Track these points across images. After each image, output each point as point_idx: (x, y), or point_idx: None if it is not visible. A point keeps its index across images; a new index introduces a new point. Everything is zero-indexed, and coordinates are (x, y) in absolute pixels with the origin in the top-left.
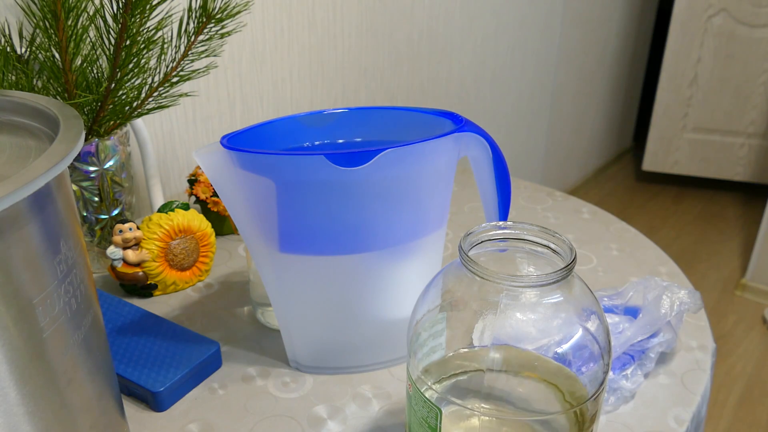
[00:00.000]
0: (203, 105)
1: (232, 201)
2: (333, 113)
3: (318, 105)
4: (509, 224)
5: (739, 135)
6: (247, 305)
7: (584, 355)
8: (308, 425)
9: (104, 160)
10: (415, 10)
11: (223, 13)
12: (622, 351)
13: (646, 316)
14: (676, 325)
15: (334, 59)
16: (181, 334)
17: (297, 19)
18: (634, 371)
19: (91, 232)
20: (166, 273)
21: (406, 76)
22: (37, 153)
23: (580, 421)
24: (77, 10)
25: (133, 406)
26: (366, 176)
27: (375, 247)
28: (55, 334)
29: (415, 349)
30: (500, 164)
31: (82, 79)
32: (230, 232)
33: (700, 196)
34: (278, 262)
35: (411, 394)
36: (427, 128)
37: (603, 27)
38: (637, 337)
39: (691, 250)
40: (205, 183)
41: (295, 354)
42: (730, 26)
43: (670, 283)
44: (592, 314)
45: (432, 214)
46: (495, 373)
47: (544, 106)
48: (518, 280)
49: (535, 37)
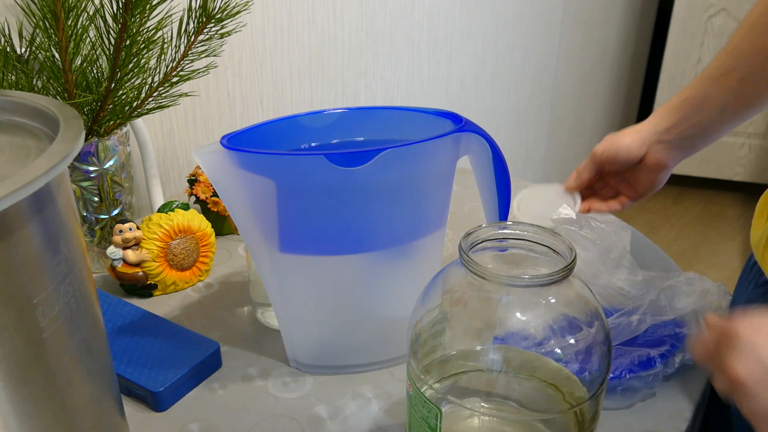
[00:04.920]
0: (203, 105)
1: (232, 201)
2: (333, 113)
3: (318, 105)
4: (509, 224)
5: (739, 135)
6: (247, 305)
7: (584, 356)
8: (308, 425)
9: (104, 160)
10: (415, 10)
11: (223, 13)
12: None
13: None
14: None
15: (334, 59)
16: (181, 334)
17: (297, 19)
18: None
19: (91, 232)
20: (166, 273)
21: (406, 75)
22: (37, 153)
23: (580, 421)
24: (77, 10)
25: (133, 406)
26: (366, 176)
27: (375, 247)
28: (55, 335)
29: (415, 348)
30: (500, 164)
31: (82, 79)
32: (230, 232)
33: (700, 196)
34: (278, 262)
35: (411, 394)
36: (427, 128)
37: (603, 27)
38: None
39: (691, 250)
40: (205, 183)
41: (295, 354)
42: (730, 26)
43: (696, 275)
44: (592, 314)
45: (432, 214)
46: (495, 373)
47: (544, 106)
48: (518, 280)
49: (535, 37)
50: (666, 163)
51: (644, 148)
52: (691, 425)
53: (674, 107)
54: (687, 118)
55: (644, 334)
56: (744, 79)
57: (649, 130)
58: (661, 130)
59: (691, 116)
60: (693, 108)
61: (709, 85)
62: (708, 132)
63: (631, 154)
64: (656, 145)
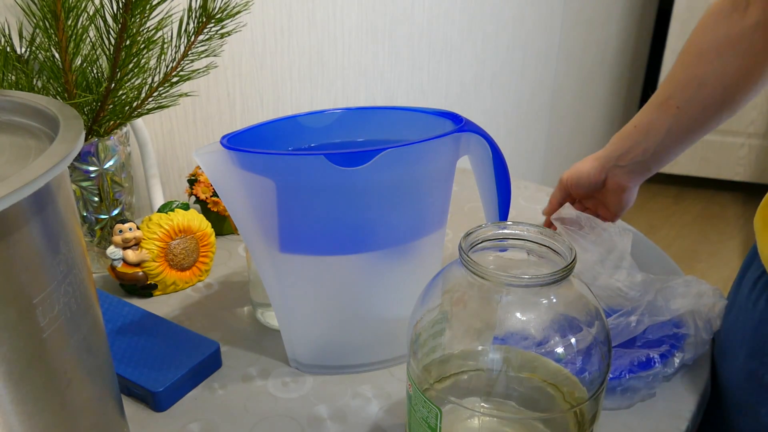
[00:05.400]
0: (203, 105)
1: (232, 201)
2: (333, 113)
3: (318, 105)
4: (509, 224)
5: (739, 135)
6: (247, 305)
7: (584, 356)
8: (308, 425)
9: (104, 160)
10: (415, 10)
11: (223, 13)
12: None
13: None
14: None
15: (334, 59)
16: (181, 334)
17: (297, 19)
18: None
19: (91, 232)
20: (166, 273)
21: (406, 76)
22: (37, 153)
23: (579, 421)
24: (77, 10)
25: (133, 406)
26: (366, 176)
27: (375, 247)
28: (55, 335)
29: (415, 348)
30: (500, 164)
31: (82, 79)
32: (230, 232)
33: (700, 196)
34: (278, 262)
35: (411, 394)
36: (427, 128)
37: (603, 27)
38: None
39: (691, 250)
40: (205, 183)
41: (295, 354)
42: None
43: (694, 278)
44: (592, 314)
45: (432, 214)
46: (495, 373)
47: (544, 106)
48: (518, 280)
49: (535, 37)
50: (626, 185)
51: (603, 173)
52: (691, 425)
53: (625, 135)
54: (637, 145)
55: (644, 334)
56: (681, 106)
57: (606, 157)
58: (616, 156)
59: (641, 142)
60: (641, 135)
61: (652, 112)
62: (658, 156)
63: (592, 179)
64: (614, 170)
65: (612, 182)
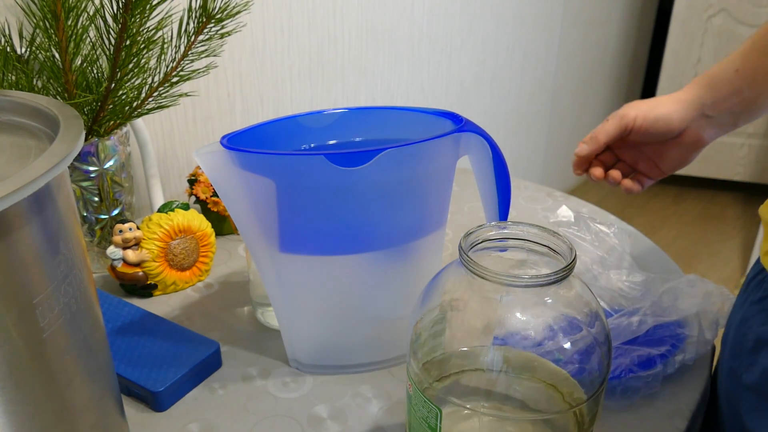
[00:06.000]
0: (203, 105)
1: (232, 201)
2: (333, 113)
3: (318, 105)
4: (509, 224)
5: (739, 135)
6: (247, 305)
7: (584, 356)
8: (308, 425)
9: (104, 160)
10: (415, 10)
11: (223, 13)
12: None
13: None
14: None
15: (334, 59)
16: (181, 334)
17: (297, 19)
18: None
19: (91, 232)
20: (166, 273)
21: (406, 76)
22: (37, 153)
23: (580, 421)
24: (77, 10)
25: (133, 406)
26: (366, 176)
27: (375, 247)
28: (55, 335)
29: (415, 348)
30: (500, 164)
31: (82, 79)
32: (230, 232)
33: (700, 196)
34: (278, 262)
35: (411, 394)
36: (427, 128)
37: (603, 27)
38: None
39: (691, 250)
40: (205, 183)
41: (295, 354)
42: (730, 26)
43: (696, 277)
44: (592, 314)
45: (432, 214)
46: (495, 373)
47: (544, 106)
48: (518, 280)
49: (535, 37)
50: (706, 140)
51: (685, 121)
52: (691, 425)
53: (722, 79)
54: (737, 92)
55: (645, 334)
56: None
57: (692, 101)
58: (708, 102)
59: (743, 90)
60: (745, 81)
61: (759, 57)
62: (755, 109)
63: (673, 125)
64: (700, 120)
65: (691, 134)
